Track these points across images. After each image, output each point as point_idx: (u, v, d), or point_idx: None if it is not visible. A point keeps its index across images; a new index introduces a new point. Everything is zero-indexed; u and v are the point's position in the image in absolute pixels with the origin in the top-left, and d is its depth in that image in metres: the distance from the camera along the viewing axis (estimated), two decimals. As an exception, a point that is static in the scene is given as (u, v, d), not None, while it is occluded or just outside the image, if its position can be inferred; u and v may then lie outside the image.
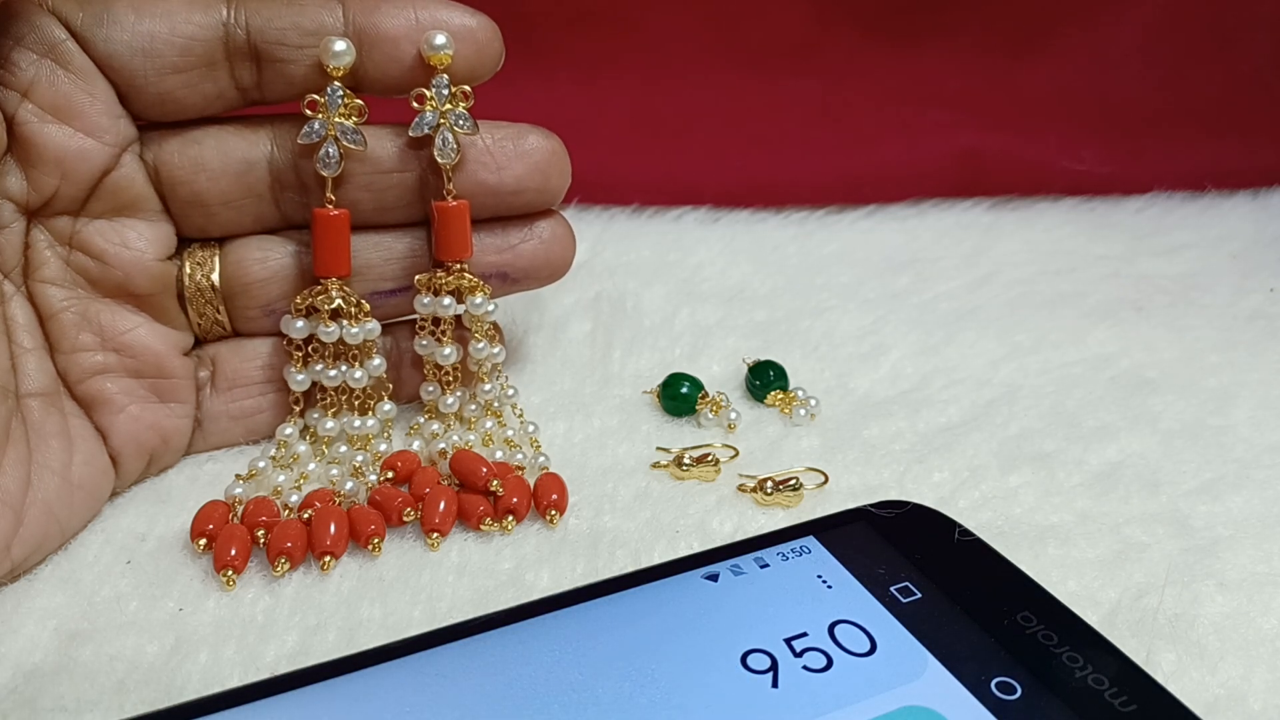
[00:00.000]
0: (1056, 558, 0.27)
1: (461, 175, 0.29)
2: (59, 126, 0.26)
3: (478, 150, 0.29)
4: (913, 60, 0.49)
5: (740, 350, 0.37)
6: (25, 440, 0.25)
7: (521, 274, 0.31)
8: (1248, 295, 0.42)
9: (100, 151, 0.27)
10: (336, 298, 0.29)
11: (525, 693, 0.20)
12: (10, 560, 0.24)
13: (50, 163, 0.26)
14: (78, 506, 0.26)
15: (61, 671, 0.23)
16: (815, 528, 0.25)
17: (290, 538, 0.26)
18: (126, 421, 0.28)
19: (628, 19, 0.47)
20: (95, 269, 0.27)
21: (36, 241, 0.27)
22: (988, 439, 0.32)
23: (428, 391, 0.31)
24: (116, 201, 0.27)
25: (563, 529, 0.28)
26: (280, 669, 0.23)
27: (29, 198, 0.26)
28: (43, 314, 0.27)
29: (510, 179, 0.30)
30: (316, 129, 0.28)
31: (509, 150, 0.30)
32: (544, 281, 0.31)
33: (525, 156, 0.30)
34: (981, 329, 0.39)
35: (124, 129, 0.27)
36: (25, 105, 0.26)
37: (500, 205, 0.30)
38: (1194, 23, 0.49)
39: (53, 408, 0.27)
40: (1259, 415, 0.33)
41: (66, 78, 0.26)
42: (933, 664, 0.21)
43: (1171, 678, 0.23)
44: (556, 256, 0.31)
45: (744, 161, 0.49)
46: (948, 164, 0.50)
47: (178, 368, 0.29)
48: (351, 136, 0.28)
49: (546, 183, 0.30)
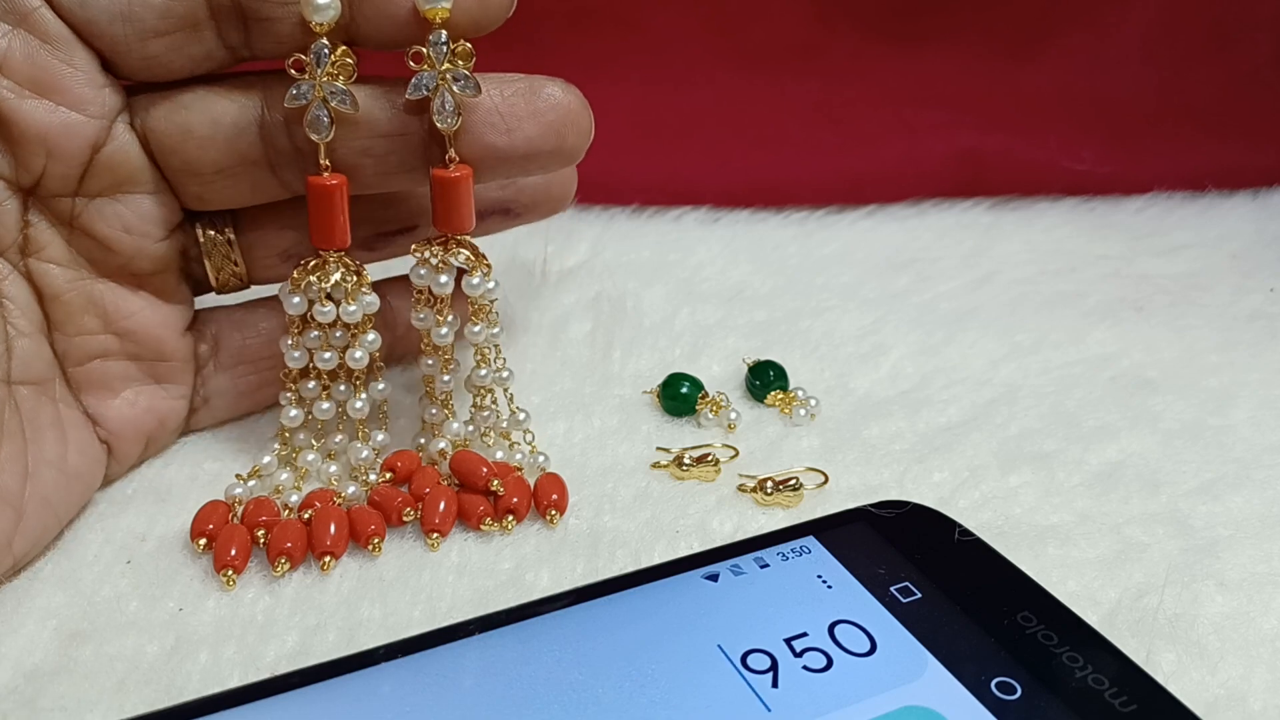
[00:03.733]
0: (1056, 558, 0.27)
1: (467, 139, 0.26)
2: (38, 101, 0.24)
3: (485, 110, 0.26)
4: (913, 61, 0.49)
5: (740, 350, 0.37)
6: (21, 433, 0.25)
7: (523, 208, 0.29)
8: (1248, 295, 0.42)
9: (87, 125, 0.25)
10: (335, 270, 0.27)
11: (525, 693, 0.20)
12: (12, 556, 0.24)
13: (33, 140, 0.25)
14: (74, 496, 0.26)
15: (61, 671, 0.23)
16: (815, 528, 0.25)
17: (290, 538, 0.26)
18: (123, 406, 0.28)
19: (628, 19, 0.47)
20: (98, 250, 0.27)
21: (36, 222, 0.26)
22: (988, 439, 0.32)
23: (426, 365, 0.30)
24: (114, 177, 0.26)
25: (563, 529, 0.28)
26: (280, 669, 0.23)
27: (18, 176, 0.25)
28: (45, 294, 0.26)
29: (522, 141, 0.27)
30: (304, 90, 0.26)
31: (520, 109, 0.26)
32: (545, 214, 0.30)
33: (539, 115, 0.27)
34: (981, 329, 0.39)
35: (109, 99, 0.26)
36: (0, 80, 0.24)
37: (511, 170, 0.27)
38: (1194, 23, 0.49)
39: (45, 397, 0.26)
40: (1259, 415, 0.33)
41: (43, 49, 0.24)
42: (933, 664, 0.21)
43: (1171, 678, 0.23)
44: (558, 188, 0.29)
45: (744, 161, 0.49)
46: (948, 164, 0.50)
47: (177, 349, 0.29)
48: (341, 98, 0.26)
49: (562, 143, 0.27)
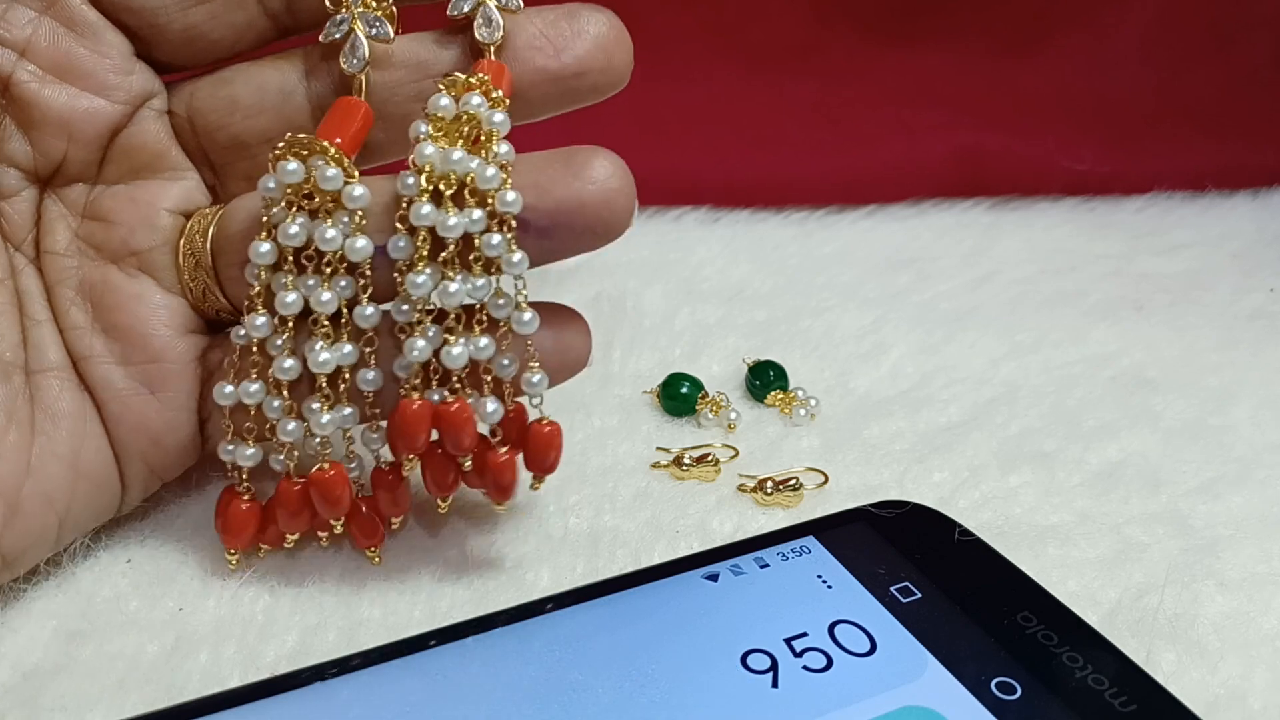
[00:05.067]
0: (1056, 557, 0.27)
1: (517, 66, 0.26)
2: (62, 87, 0.24)
3: (530, 35, 0.26)
4: (912, 60, 0.49)
5: (740, 350, 0.37)
6: (30, 422, 0.24)
7: (571, 226, 0.25)
8: (1248, 294, 0.42)
9: (110, 110, 0.25)
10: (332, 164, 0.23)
11: (525, 693, 0.20)
12: (1, 555, 0.23)
13: (54, 125, 0.24)
14: (83, 497, 0.24)
15: (61, 671, 0.23)
16: (815, 528, 0.25)
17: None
18: (109, 424, 0.25)
19: (628, 19, 0.47)
20: (100, 231, 0.25)
21: (49, 212, 0.25)
22: (988, 438, 0.32)
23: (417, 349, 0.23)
24: (133, 163, 0.26)
25: (563, 529, 0.28)
26: (280, 668, 0.23)
27: (36, 163, 0.25)
28: (47, 286, 0.25)
29: (571, 60, 0.26)
30: (340, 22, 0.25)
31: (564, 31, 0.26)
32: (598, 240, 0.25)
33: (584, 34, 0.26)
34: (981, 328, 0.39)
35: (137, 84, 0.25)
36: (23, 65, 0.24)
37: (565, 93, 0.26)
38: (1193, 22, 0.49)
39: (69, 383, 0.25)
40: (1259, 414, 0.33)
41: (68, 34, 0.24)
42: (933, 664, 0.21)
43: (1171, 677, 0.23)
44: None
45: (744, 161, 0.49)
46: (947, 164, 0.50)
47: (169, 347, 0.25)
48: (378, 28, 0.25)
49: (611, 61, 0.26)
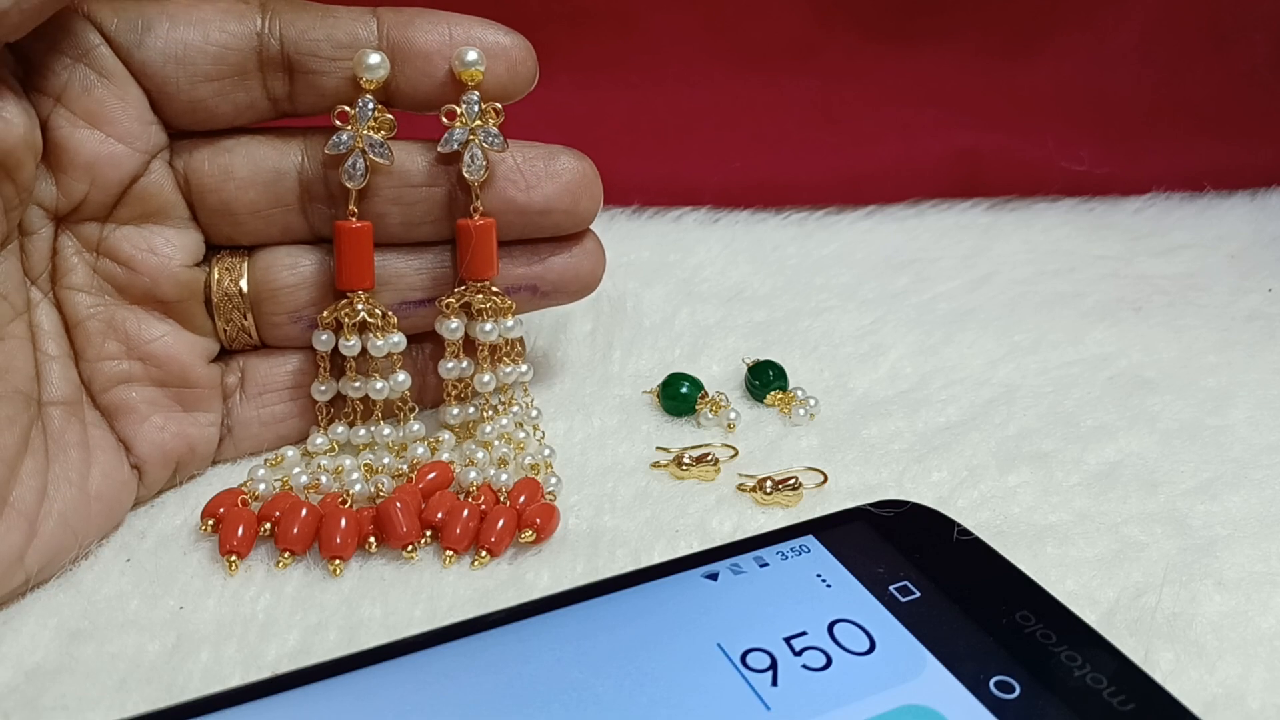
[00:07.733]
0: (1055, 557, 0.27)
1: (490, 193, 0.29)
2: (91, 131, 0.26)
3: (507, 168, 0.29)
4: (911, 61, 0.49)
5: (740, 350, 0.37)
6: (44, 450, 0.25)
7: (551, 287, 0.31)
8: (1246, 295, 0.42)
9: (131, 157, 0.27)
10: (361, 311, 0.29)
11: (525, 692, 0.20)
12: (24, 571, 0.24)
13: (81, 168, 0.26)
14: (95, 518, 0.26)
15: (62, 670, 0.23)
16: (815, 527, 0.25)
17: (298, 524, 0.26)
18: (151, 431, 0.28)
19: (627, 19, 0.47)
20: (122, 275, 0.27)
21: (64, 248, 0.27)
22: (986, 439, 0.32)
23: (452, 415, 0.31)
24: (144, 208, 0.27)
25: (563, 529, 0.28)
26: (281, 668, 0.23)
27: (58, 203, 0.26)
28: (69, 321, 0.27)
29: (539, 198, 0.29)
30: (345, 140, 0.28)
31: (539, 170, 0.29)
32: (573, 296, 0.31)
33: (555, 177, 0.29)
34: (980, 329, 0.39)
35: (155, 136, 0.27)
36: (58, 110, 0.25)
37: (528, 225, 0.30)
38: (1192, 23, 0.50)
39: (74, 417, 0.26)
40: (1257, 415, 0.33)
41: (100, 83, 0.26)
42: (932, 663, 0.21)
43: (1170, 677, 0.23)
44: (586, 271, 0.31)
45: (744, 161, 0.49)
46: (946, 164, 0.50)
47: (203, 376, 0.29)
48: (379, 150, 0.28)
49: (576, 205, 0.30)
